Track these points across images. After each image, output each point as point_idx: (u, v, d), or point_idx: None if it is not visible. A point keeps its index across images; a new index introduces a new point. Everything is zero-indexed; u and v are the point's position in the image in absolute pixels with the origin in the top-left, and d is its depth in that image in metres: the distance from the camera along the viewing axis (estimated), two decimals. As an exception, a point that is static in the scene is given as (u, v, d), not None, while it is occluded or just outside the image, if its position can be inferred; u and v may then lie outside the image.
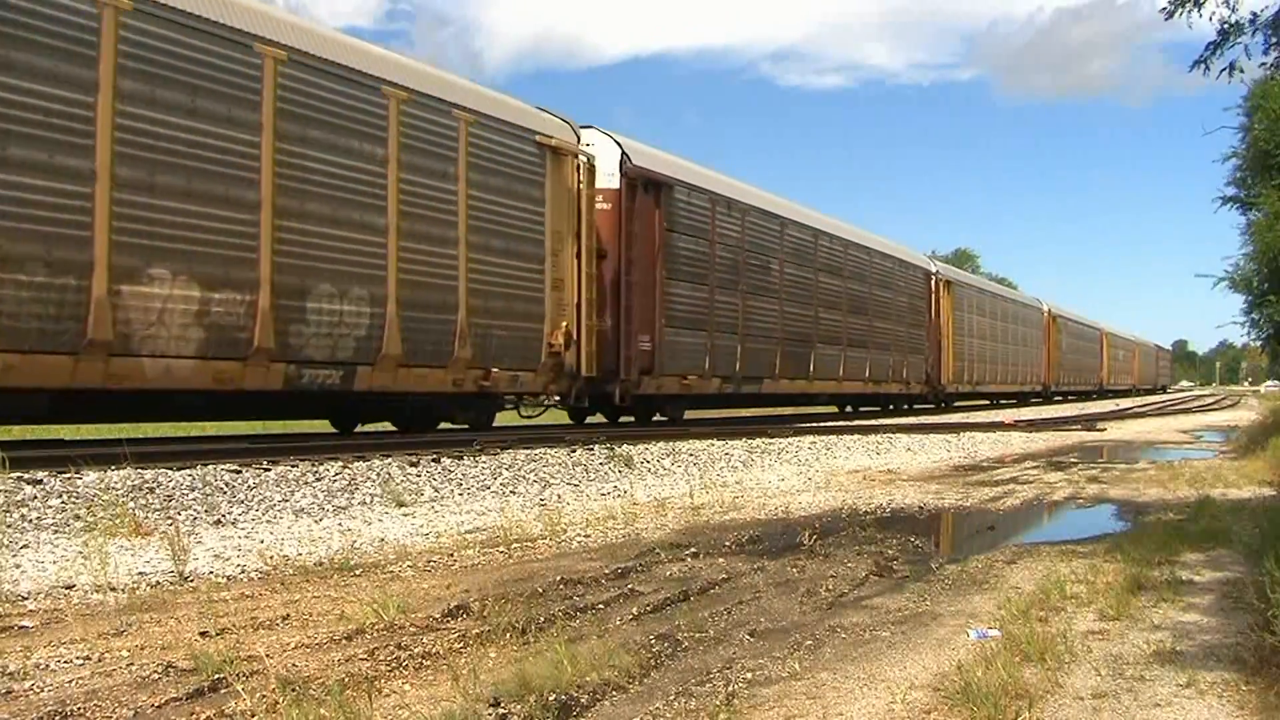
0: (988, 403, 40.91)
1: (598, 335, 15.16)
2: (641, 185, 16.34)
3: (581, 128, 15.68)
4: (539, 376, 14.16)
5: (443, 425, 14.05)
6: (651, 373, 16.64)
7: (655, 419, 18.64)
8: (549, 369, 14.22)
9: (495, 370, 13.32)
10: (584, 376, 14.80)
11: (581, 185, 14.90)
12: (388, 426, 14.38)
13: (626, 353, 15.84)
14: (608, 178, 15.87)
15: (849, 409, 28.37)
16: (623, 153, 16.22)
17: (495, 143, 13.48)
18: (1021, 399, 43.61)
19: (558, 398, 15.33)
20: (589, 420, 18.45)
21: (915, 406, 31.34)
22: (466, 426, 13.85)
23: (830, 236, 24.59)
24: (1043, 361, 45.86)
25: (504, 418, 15.94)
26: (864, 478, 12.00)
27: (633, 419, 18.38)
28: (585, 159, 15.09)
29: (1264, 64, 7.21)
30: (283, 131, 10.52)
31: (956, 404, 35.65)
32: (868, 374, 26.03)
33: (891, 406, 29.46)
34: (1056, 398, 50.03)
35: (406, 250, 12.02)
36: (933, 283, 31.82)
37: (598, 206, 15.50)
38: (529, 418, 16.78)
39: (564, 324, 14.29)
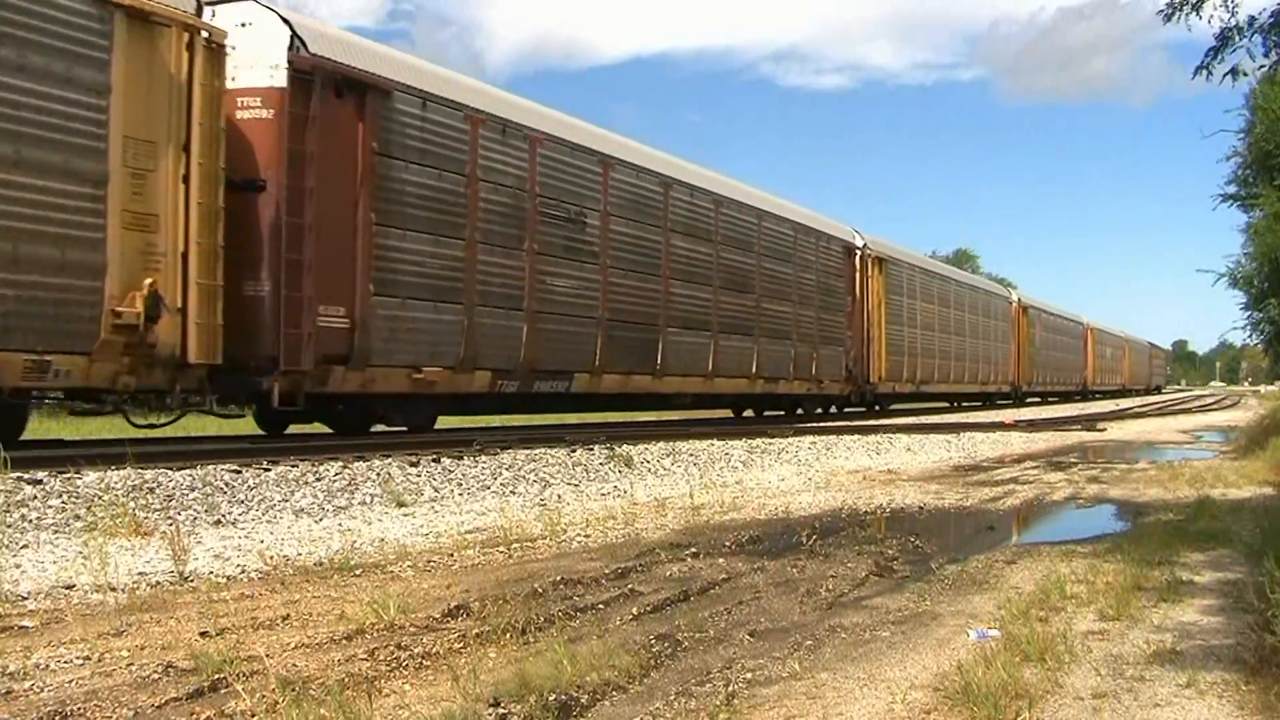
0: (945, 405, 35.84)
1: (239, 303, 10.35)
2: (331, 86, 11.19)
3: None
4: (97, 363, 9.07)
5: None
6: (349, 362, 11.38)
7: (378, 429, 13.48)
8: (116, 352, 9.17)
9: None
10: (195, 364, 9.73)
11: (198, 75, 9.75)
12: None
13: (291, 330, 10.63)
14: (266, 71, 10.77)
15: (749, 412, 23.12)
16: (293, 34, 10.90)
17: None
18: (986, 401, 38.62)
19: (157, 395, 10.07)
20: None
21: (844, 410, 25.91)
22: None
23: (691, 188, 18.25)
24: (1011, 358, 40.68)
25: (99, 426, 12.11)
26: (864, 478, 12.00)
27: (332, 429, 13.22)
28: (206, 35, 9.91)
29: (1263, 66, 7.21)
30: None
31: (895, 407, 29.98)
32: (755, 369, 20.13)
33: (801, 410, 23.63)
34: (1030, 400, 44.55)
35: None
36: (857, 258, 25.51)
37: (244, 113, 10.68)
38: (150, 426, 10.83)
39: (149, 282, 9.29)
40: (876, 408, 28.03)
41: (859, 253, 25.86)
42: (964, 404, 37.36)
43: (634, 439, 13.73)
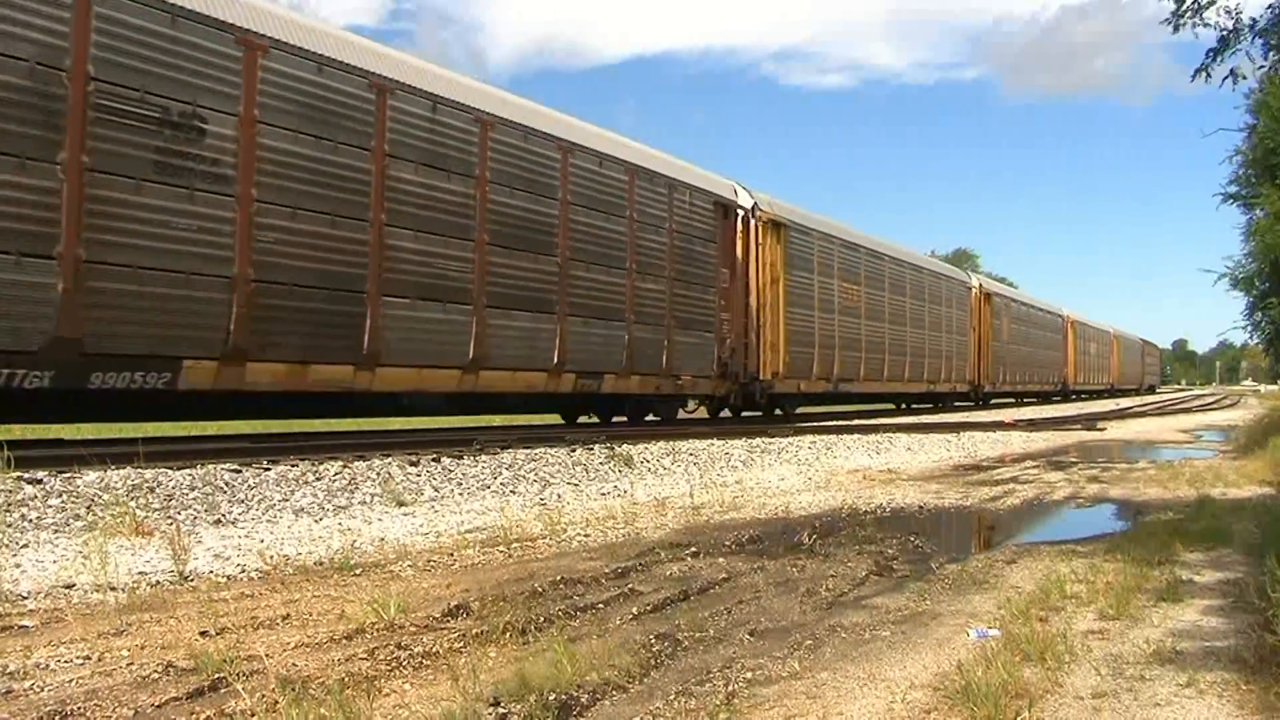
0: (885, 409, 30.57)
1: None
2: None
3: None
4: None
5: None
6: None
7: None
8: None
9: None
10: None
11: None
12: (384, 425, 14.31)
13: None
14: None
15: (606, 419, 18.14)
16: None
17: None
18: (940, 403, 33.25)
19: None
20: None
21: (718, 416, 20.83)
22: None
23: (432, 100, 12.46)
24: (971, 353, 34.94)
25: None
26: (864, 477, 12.00)
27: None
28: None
29: (1263, 66, 7.22)
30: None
31: (802, 412, 23.60)
32: (558, 358, 14.42)
33: (655, 415, 18.33)
34: (997, 401, 39.66)
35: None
36: (739, 221, 19.73)
37: None
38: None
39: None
40: (777, 411, 22.12)
41: (743, 214, 19.66)
42: (913, 406, 32.37)
43: (634, 439, 13.73)
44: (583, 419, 18.22)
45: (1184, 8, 6.69)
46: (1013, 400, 42.41)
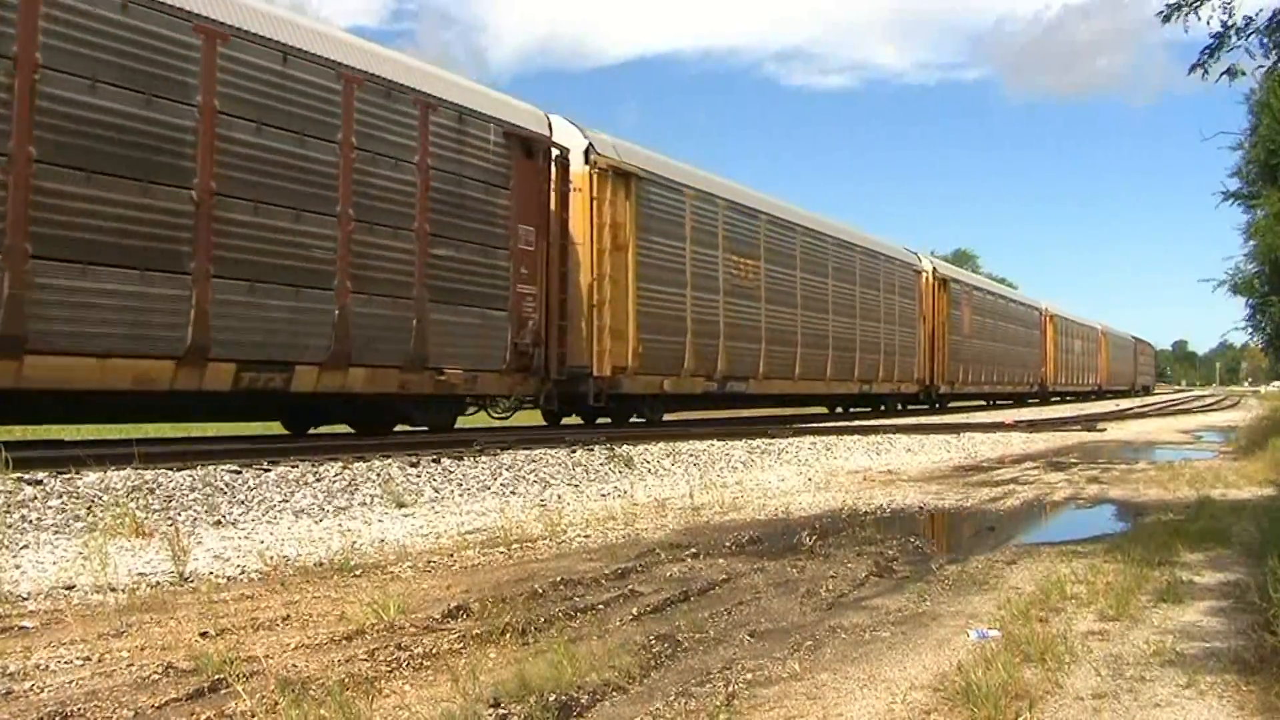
0: (826, 411, 26.82)
1: None
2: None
3: None
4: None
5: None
6: None
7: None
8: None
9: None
10: None
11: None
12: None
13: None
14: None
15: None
16: None
17: None
18: (881, 406, 28.46)
19: None
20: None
21: (506, 417, 16.35)
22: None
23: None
24: (919, 348, 29.86)
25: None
26: (864, 478, 12.00)
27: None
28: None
29: (1261, 66, 7.22)
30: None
31: (679, 419, 19.73)
32: (196, 339, 9.85)
33: (411, 424, 13.92)
34: (955, 404, 35.15)
35: None
36: (553, 165, 14.76)
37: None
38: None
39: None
40: (636, 418, 17.70)
41: (561, 155, 14.84)
42: (850, 409, 28.04)
43: (634, 439, 13.74)
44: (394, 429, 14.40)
45: (1177, 3, 6.69)
46: (983, 403, 39.11)
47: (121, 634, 4.18)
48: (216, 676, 3.52)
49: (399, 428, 15.41)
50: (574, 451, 11.79)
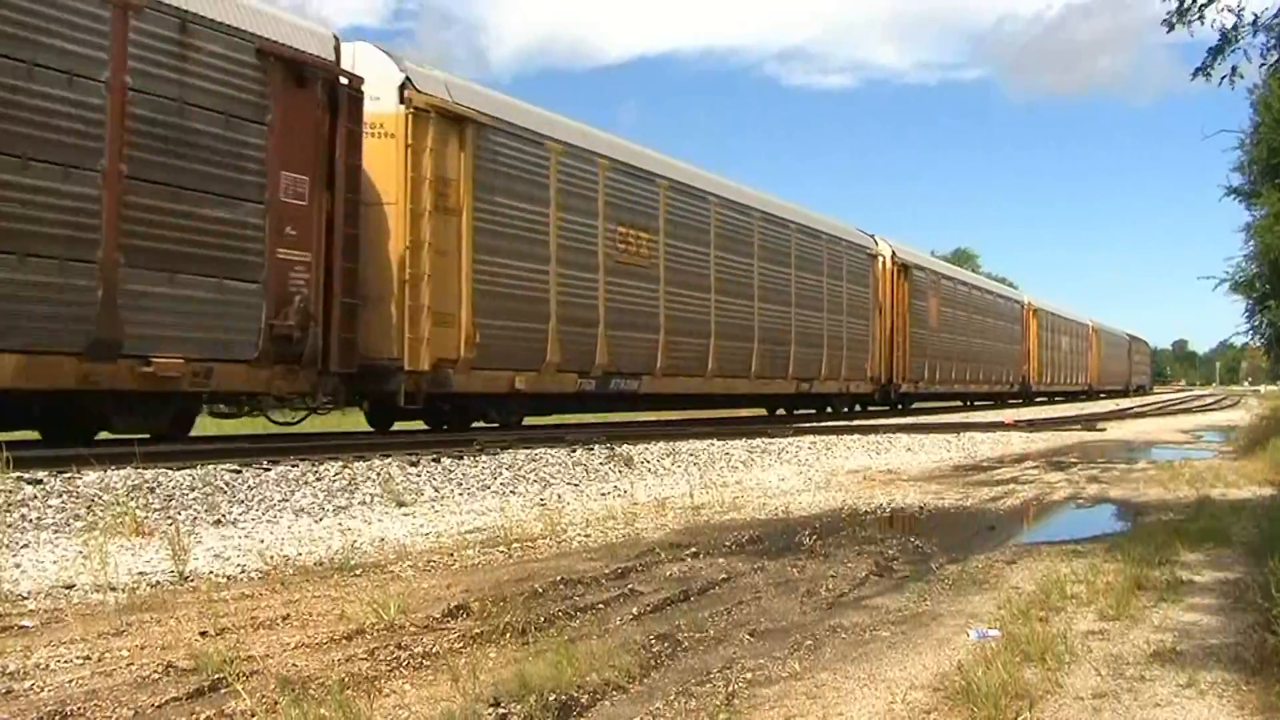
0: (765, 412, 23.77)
1: None
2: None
3: None
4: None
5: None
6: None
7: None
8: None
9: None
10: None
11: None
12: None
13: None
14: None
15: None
16: None
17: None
18: (825, 405, 24.86)
19: None
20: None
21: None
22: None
23: None
24: (874, 342, 26.37)
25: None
26: (864, 478, 12.00)
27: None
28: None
29: (1264, 64, 7.23)
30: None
31: (547, 424, 16.26)
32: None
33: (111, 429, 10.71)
34: (920, 404, 31.11)
35: None
36: (320, 91, 11.13)
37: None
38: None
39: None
40: (479, 425, 14.38)
41: (351, 88, 11.54)
42: (793, 410, 24.19)
43: (634, 439, 13.74)
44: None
45: (1184, 7, 6.70)
46: (958, 404, 36.16)
47: (121, 633, 4.18)
48: (216, 676, 3.52)
49: (397, 425, 15.33)
50: (574, 451, 11.79)
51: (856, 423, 21.03)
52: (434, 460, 10.07)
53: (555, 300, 14.55)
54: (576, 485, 10.26)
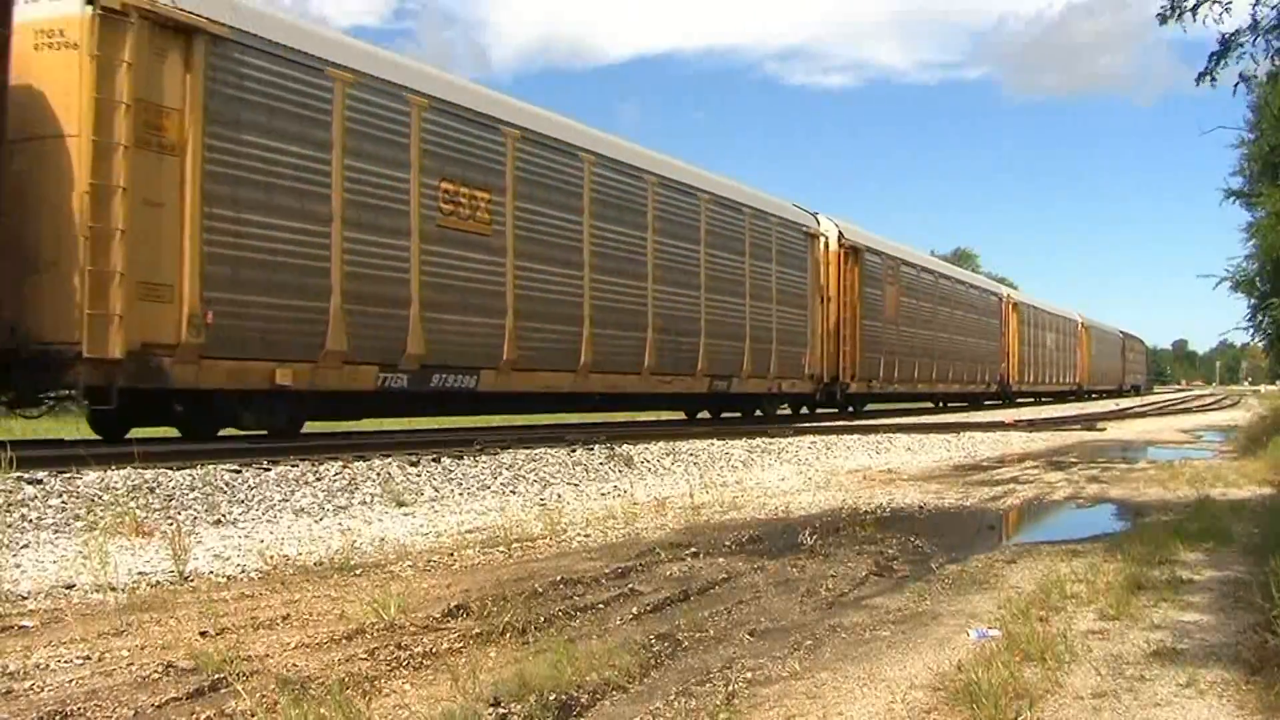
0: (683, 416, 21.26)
1: None
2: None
3: None
4: None
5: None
6: None
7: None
8: None
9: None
10: None
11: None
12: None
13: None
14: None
15: None
16: None
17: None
18: (750, 407, 21.54)
19: None
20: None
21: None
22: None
23: None
24: (815, 335, 22.77)
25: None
26: (864, 477, 12.00)
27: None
28: None
29: (1269, 69, 7.22)
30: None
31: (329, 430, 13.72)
32: None
33: None
34: (876, 405, 28.20)
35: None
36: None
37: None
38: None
39: None
40: (212, 430, 11.31)
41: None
42: (720, 412, 21.53)
43: (634, 439, 13.74)
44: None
45: (1178, 1, 6.70)
46: (925, 404, 33.03)
47: (121, 633, 4.18)
48: (216, 676, 3.52)
49: (398, 425, 15.34)
50: (574, 451, 11.79)
51: (857, 423, 21.03)
52: (434, 460, 10.07)
53: (340, 271, 11.42)
54: (576, 485, 10.26)
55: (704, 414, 21.83)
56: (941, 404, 34.51)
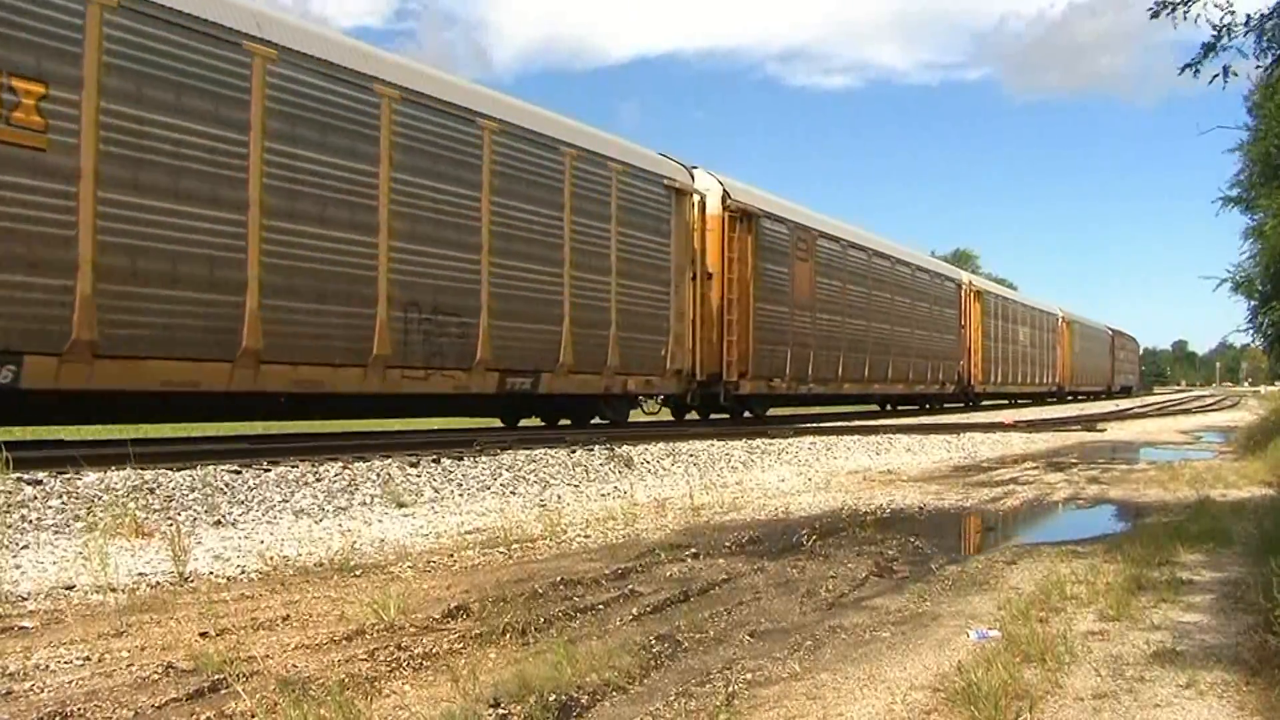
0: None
1: None
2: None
3: None
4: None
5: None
6: None
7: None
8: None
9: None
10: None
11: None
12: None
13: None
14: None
15: None
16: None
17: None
18: (606, 412, 16.89)
19: None
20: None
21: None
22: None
23: None
24: (679, 318, 17.43)
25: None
26: (864, 478, 12.00)
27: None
28: None
29: (1260, 67, 7.22)
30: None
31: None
32: None
33: None
34: (782, 406, 23.89)
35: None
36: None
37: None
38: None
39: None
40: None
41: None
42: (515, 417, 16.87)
43: (634, 439, 13.73)
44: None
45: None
46: (878, 409, 29.38)
47: (121, 634, 4.18)
48: (216, 676, 3.52)
49: (398, 425, 15.09)
50: (574, 452, 11.79)
51: (857, 423, 21.02)
52: (434, 461, 10.07)
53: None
54: (576, 486, 10.26)
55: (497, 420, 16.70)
56: (887, 407, 30.55)
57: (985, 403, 36.70)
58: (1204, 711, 3.37)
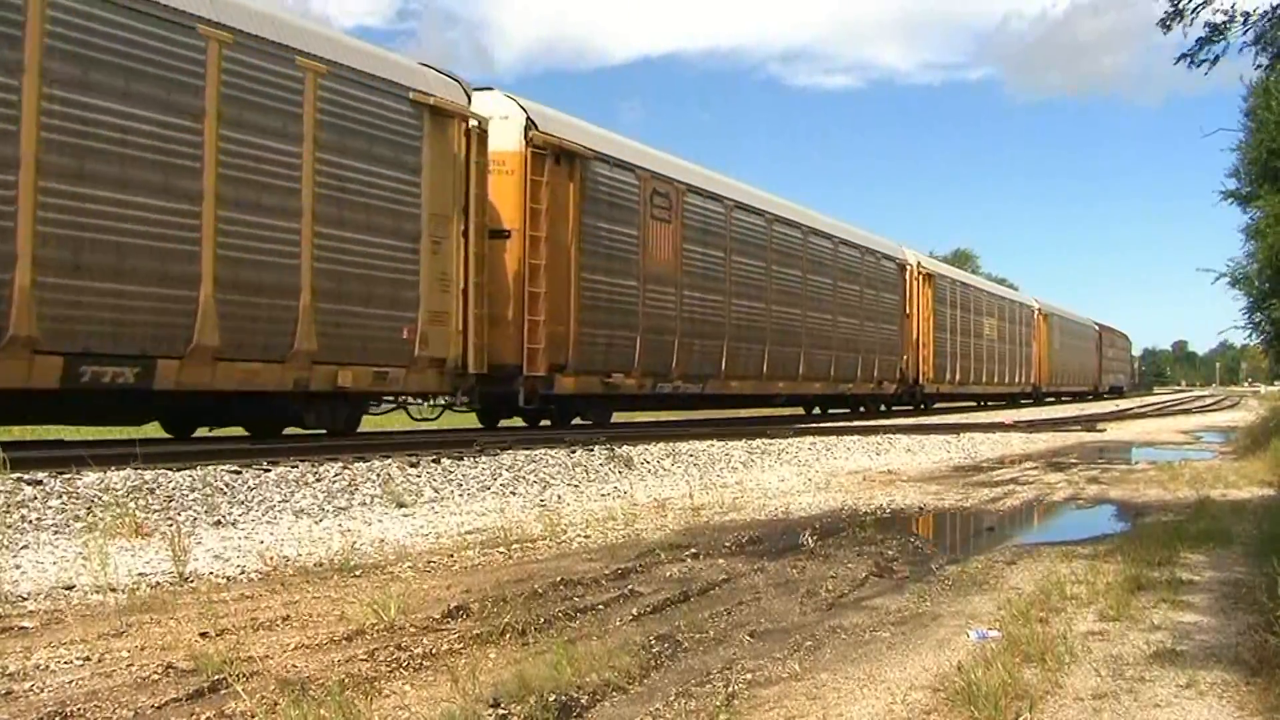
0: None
1: None
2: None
3: None
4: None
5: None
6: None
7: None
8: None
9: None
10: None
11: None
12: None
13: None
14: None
15: None
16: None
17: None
18: (273, 417, 11.59)
19: None
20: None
21: None
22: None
23: None
24: (444, 290, 12.03)
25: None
26: (864, 478, 12.00)
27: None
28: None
29: (1258, 66, 7.23)
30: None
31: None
32: None
33: None
34: (646, 409, 20.46)
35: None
36: None
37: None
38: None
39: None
40: None
41: None
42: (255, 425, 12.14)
43: (634, 439, 13.73)
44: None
45: (1180, 6, 6.70)
46: (801, 410, 24.89)
47: (121, 634, 4.18)
48: (216, 676, 3.52)
49: (398, 425, 15.27)
50: (574, 452, 11.79)
51: (857, 423, 21.00)
52: (434, 461, 10.07)
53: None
54: (576, 486, 10.26)
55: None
56: (823, 410, 25.82)
57: (938, 405, 32.24)
58: (1204, 711, 3.37)
